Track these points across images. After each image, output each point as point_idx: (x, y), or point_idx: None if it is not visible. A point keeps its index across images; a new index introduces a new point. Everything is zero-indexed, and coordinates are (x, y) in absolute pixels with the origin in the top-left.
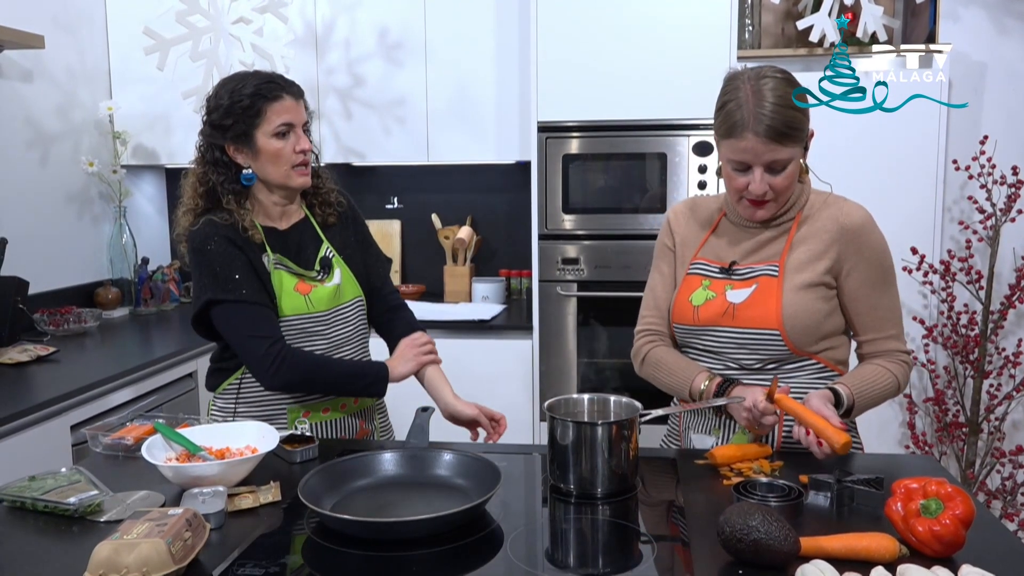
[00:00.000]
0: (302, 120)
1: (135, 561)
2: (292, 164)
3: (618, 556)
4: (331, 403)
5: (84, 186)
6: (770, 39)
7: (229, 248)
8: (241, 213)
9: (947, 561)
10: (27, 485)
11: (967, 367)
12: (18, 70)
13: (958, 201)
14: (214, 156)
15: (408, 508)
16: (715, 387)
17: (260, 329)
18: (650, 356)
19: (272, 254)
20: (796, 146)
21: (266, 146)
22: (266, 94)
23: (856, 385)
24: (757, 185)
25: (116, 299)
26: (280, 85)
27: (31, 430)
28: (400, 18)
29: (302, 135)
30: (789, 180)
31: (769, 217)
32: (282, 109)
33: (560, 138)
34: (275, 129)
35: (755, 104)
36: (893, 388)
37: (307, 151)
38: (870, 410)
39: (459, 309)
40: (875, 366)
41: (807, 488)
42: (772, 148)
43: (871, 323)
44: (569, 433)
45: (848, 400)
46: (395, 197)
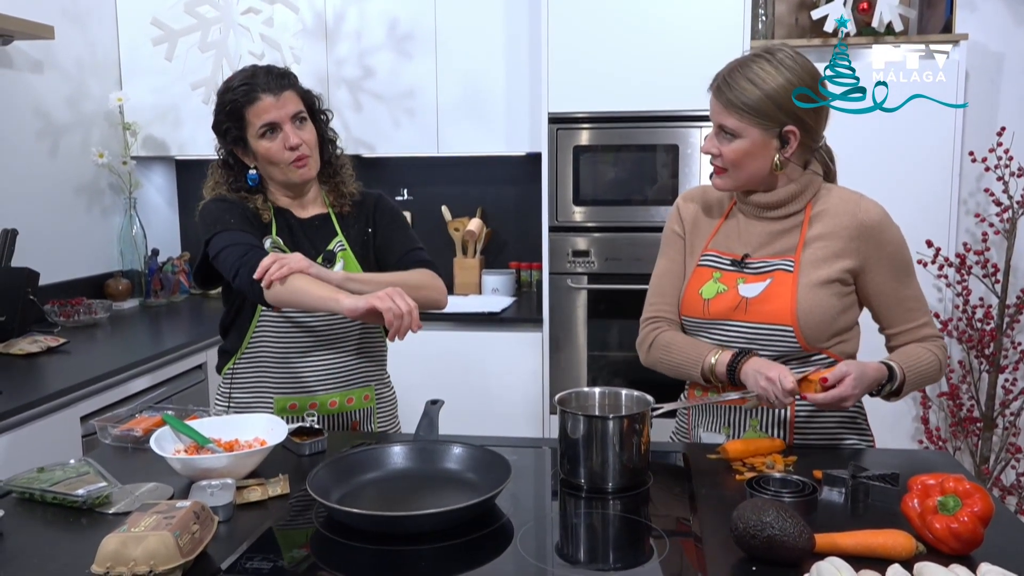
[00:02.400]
0: (290, 114)
1: (143, 554)
2: (287, 161)
3: (629, 551)
4: (320, 399)
5: (94, 177)
6: (784, 29)
7: (231, 206)
8: (252, 197)
9: (965, 559)
10: (36, 477)
11: (982, 361)
12: (28, 61)
13: (974, 193)
14: (224, 158)
15: (417, 502)
16: (728, 359)
17: (238, 239)
18: (658, 340)
19: (275, 237)
20: (748, 122)
21: (257, 148)
22: (241, 98)
23: (907, 363)
24: (707, 142)
25: (126, 290)
26: (255, 85)
27: (41, 421)
28: (410, 9)
29: (291, 130)
30: (736, 155)
31: (724, 188)
32: (260, 110)
33: (571, 129)
34: (259, 131)
35: (729, 70)
36: (936, 369)
37: (298, 146)
38: (883, 404)
39: (469, 301)
40: (920, 347)
41: (821, 484)
42: (719, 111)
43: (901, 315)
44: (580, 427)
45: (900, 376)
46: (405, 189)
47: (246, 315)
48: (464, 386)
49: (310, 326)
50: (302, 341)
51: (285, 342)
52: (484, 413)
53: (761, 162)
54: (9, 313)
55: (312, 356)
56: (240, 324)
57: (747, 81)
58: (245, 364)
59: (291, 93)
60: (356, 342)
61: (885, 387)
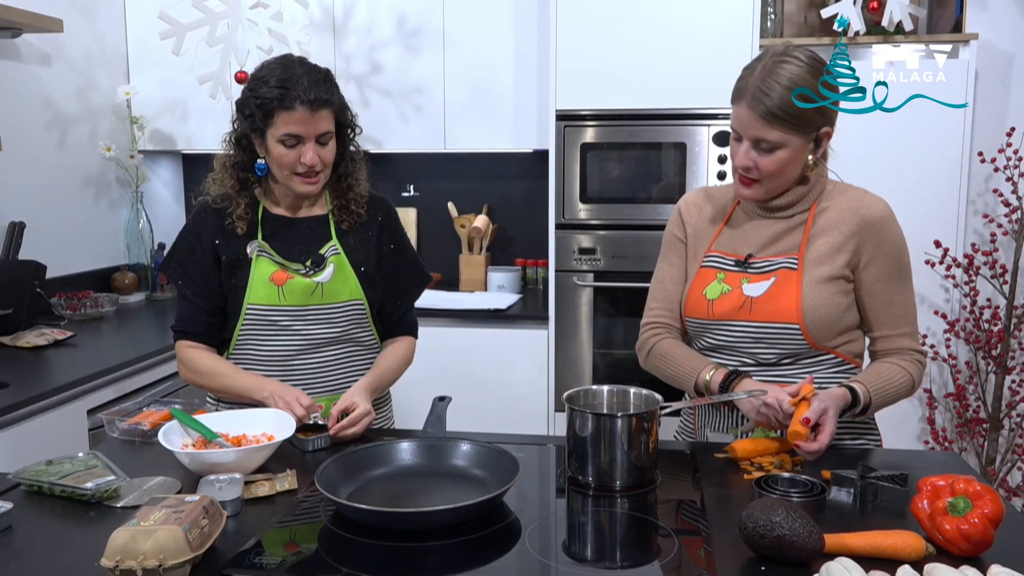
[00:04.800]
0: (316, 132)
1: (152, 548)
2: (296, 172)
3: (637, 550)
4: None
5: (101, 171)
6: (793, 27)
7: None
8: (238, 200)
9: (975, 560)
10: (44, 469)
11: (989, 362)
12: (37, 54)
13: (983, 194)
14: (238, 136)
15: (425, 498)
16: (720, 378)
17: (176, 320)
18: (656, 348)
19: (260, 241)
20: (791, 133)
21: (273, 149)
22: (275, 100)
23: (873, 383)
24: (740, 157)
25: (132, 284)
26: (294, 92)
27: (48, 414)
28: (418, 5)
29: (311, 148)
30: (777, 166)
31: (756, 198)
32: (291, 120)
33: (579, 126)
34: (280, 137)
35: (761, 79)
36: (908, 387)
37: (313, 165)
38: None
39: (474, 298)
40: (890, 364)
41: (830, 484)
42: (760, 125)
43: (885, 319)
44: (588, 425)
45: (865, 398)
46: (411, 185)
47: (230, 316)
48: (469, 383)
49: (296, 330)
50: (289, 345)
51: (271, 346)
52: (489, 410)
53: (796, 168)
54: (16, 306)
55: (300, 360)
56: (228, 324)
57: (785, 89)
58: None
59: (327, 112)
60: (347, 347)
61: (848, 411)
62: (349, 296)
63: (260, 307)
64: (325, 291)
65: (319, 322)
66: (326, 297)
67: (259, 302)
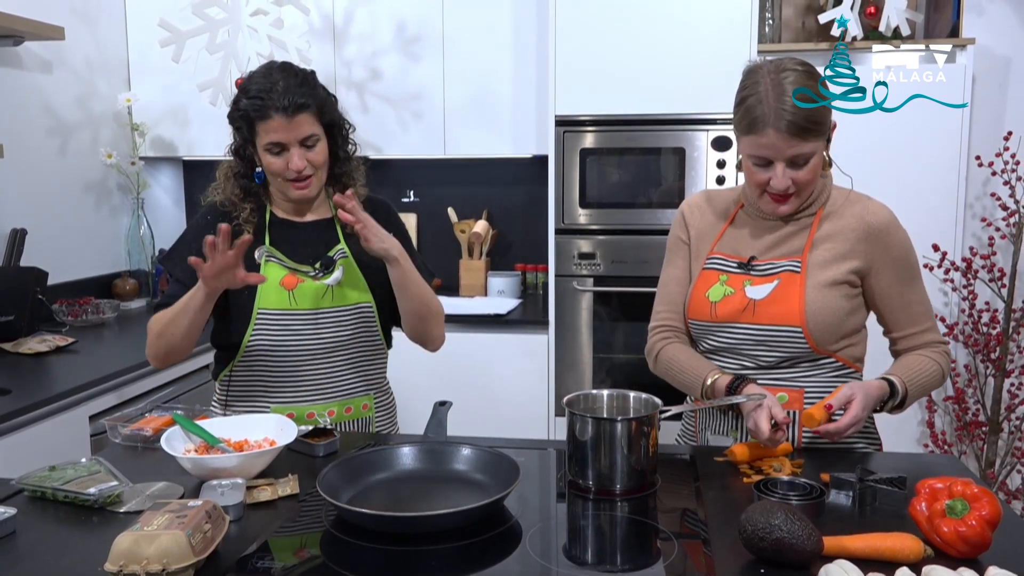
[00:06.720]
0: (299, 137)
1: (156, 552)
2: (288, 179)
3: (637, 553)
4: (318, 408)
5: (102, 177)
6: (791, 33)
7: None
8: (243, 206)
9: (973, 563)
10: (47, 475)
11: (988, 366)
12: (38, 61)
13: (980, 198)
14: (236, 147)
15: (426, 502)
16: (726, 383)
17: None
18: (663, 354)
19: (267, 247)
20: (819, 139)
21: (263, 157)
22: (255, 111)
23: (907, 375)
24: (779, 180)
25: (133, 290)
26: (269, 102)
27: (50, 420)
28: (418, 12)
29: (296, 153)
30: (812, 174)
31: (792, 211)
32: (270, 128)
33: (578, 132)
34: (265, 146)
35: (776, 99)
36: (939, 377)
37: (302, 169)
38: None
39: (474, 303)
40: (919, 356)
41: (829, 487)
42: (794, 144)
43: (907, 319)
44: (588, 429)
45: (902, 390)
46: (411, 191)
47: (238, 321)
48: (469, 387)
49: (306, 334)
50: (299, 349)
51: (282, 352)
52: (489, 414)
53: (819, 170)
54: (18, 312)
55: (310, 365)
56: (236, 329)
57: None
58: (241, 371)
59: (307, 116)
60: (356, 351)
61: (888, 403)
62: (358, 298)
63: (271, 312)
64: (335, 294)
65: (329, 326)
66: (336, 300)
67: (270, 307)
